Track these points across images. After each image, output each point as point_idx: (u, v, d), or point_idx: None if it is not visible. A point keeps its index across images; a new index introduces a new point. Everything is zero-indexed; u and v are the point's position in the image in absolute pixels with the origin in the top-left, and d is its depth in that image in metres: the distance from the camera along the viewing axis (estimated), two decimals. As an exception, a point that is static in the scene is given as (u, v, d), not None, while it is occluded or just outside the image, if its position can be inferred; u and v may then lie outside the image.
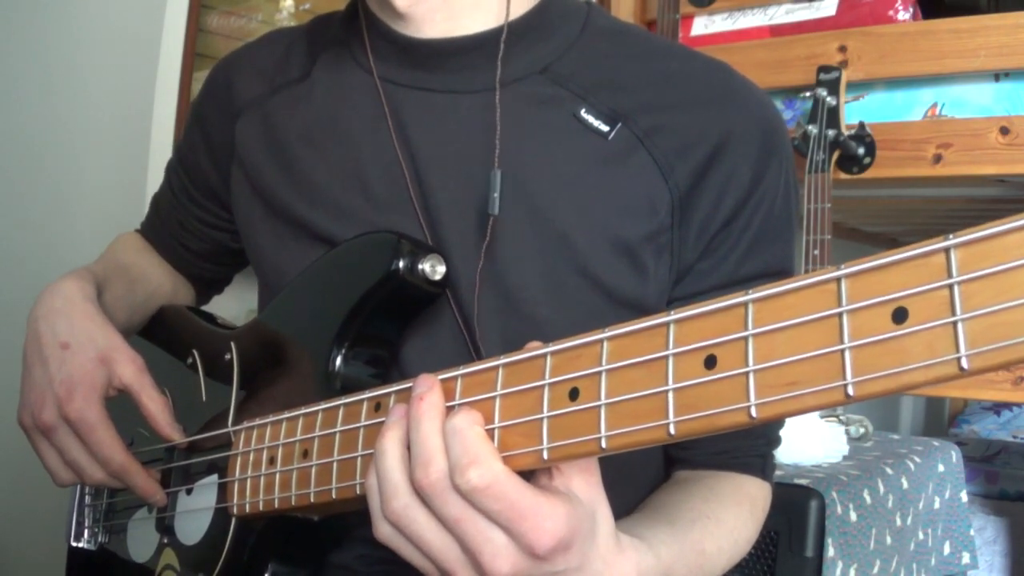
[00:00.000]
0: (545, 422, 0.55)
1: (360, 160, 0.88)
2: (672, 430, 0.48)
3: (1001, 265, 0.37)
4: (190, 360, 0.96)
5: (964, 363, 0.37)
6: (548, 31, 0.87)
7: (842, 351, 0.42)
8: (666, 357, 0.49)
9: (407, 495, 0.59)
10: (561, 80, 0.85)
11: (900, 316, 0.40)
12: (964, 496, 2.16)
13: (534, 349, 0.57)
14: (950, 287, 0.39)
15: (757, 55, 2.33)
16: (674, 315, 0.50)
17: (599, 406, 0.52)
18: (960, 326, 0.38)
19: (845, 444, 1.86)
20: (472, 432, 0.57)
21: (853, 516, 1.57)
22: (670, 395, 0.48)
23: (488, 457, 0.56)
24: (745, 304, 0.46)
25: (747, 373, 0.45)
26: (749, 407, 0.45)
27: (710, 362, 0.47)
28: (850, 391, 0.41)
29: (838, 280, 0.43)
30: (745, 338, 0.46)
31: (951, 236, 0.38)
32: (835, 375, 0.42)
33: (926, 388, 0.37)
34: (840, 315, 0.42)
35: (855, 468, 1.74)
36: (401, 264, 0.76)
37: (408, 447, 0.60)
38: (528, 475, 0.59)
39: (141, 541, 0.95)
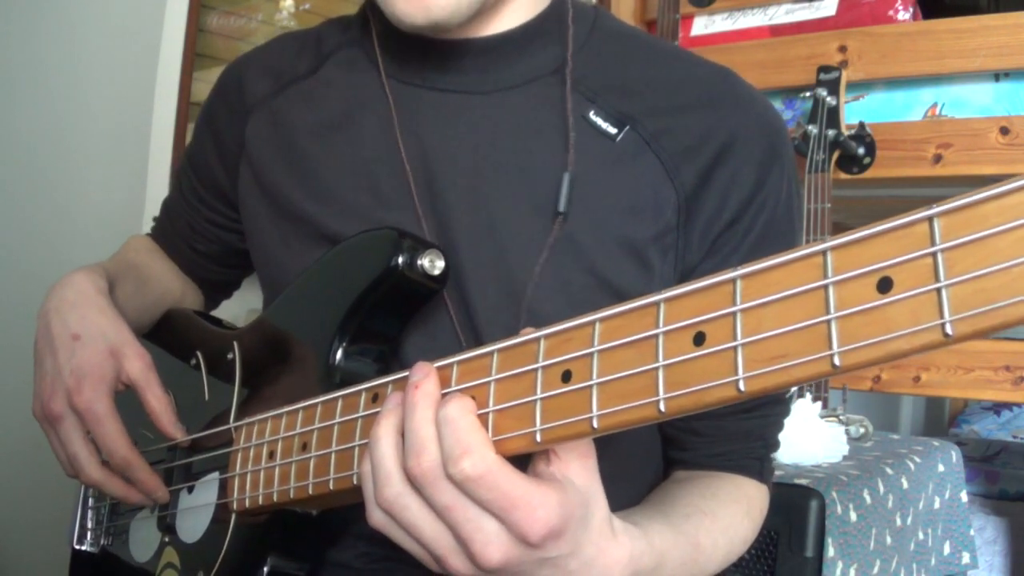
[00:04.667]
0: (538, 404, 0.55)
1: (369, 159, 0.88)
2: (662, 407, 0.48)
3: (983, 231, 0.37)
4: (194, 361, 0.97)
5: (948, 329, 0.38)
6: (558, 34, 0.88)
7: (828, 322, 0.42)
8: (656, 336, 0.49)
9: (400, 483, 0.59)
10: (571, 82, 0.86)
11: (885, 285, 0.40)
12: (964, 496, 2.15)
13: (528, 334, 0.58)
14: (933, 255, 0.39)
15: (757, 55, 2.33)
16: (664, 294, 0.50)
17: (590, 386, 0.52)
18: (944, 292, 0.38)
19: (845, 444, 1.86)
20: (465, 421, 0.57)
21: (853, 516, 1.57)
22: (660, 372, 0.49)
23: (481, 446, 0.56)
24: (733, 280, 0.47)
25: (735, 348, 0.45)
26: (737, 381, 0.45)
27: (699, 339, 0.47)
28: (836, 361, 0.41)
29: (824, 253, 0.43)
30: (733, 314, 0.46)
31: (935, 205, 0.39)
32: (821, 346, 0.42)
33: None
34: (826, 287, 0.42)
35: (855, 468, 1.74)
36: (400, 259, 0.76)
37: (403, 435, 0.60)
38: (524, 461, 0.59)
39: (143, 541, 0.95)
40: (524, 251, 0.82)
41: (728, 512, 0.82)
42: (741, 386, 0.45)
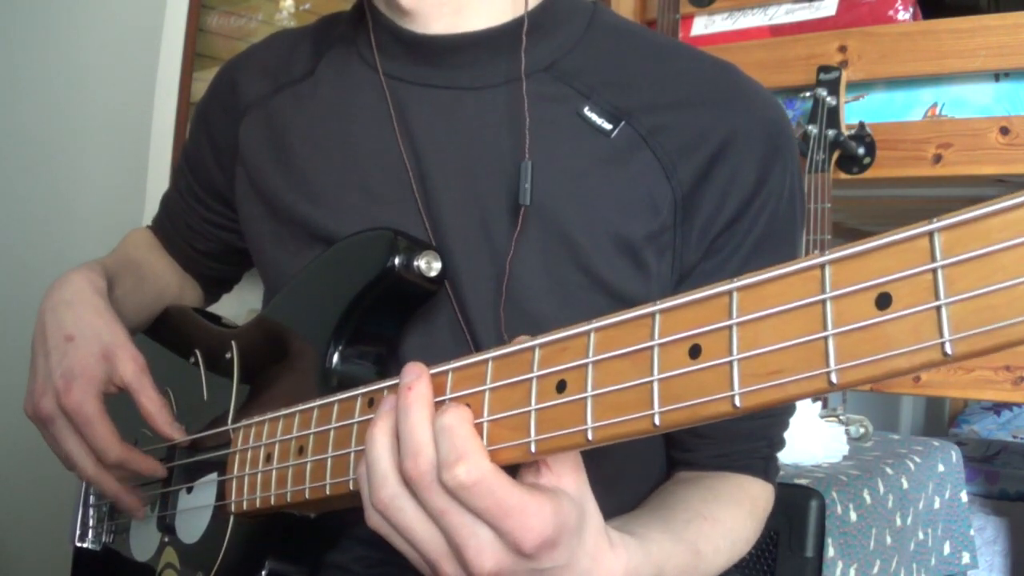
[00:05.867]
0: (533, 415, 0.55)
1: (363, 158, 0.88)
2: (657, 421, 0.48)
3: (985, 248, 0.37)
4: (193, 359, 0.97)
5: (948, 348, 0.37)
6: (554, 28, 0.87)
7: (825, 338, 0.41)
8: (651, 348, 0.49)
9: (395, 485, 0.59)
10: (566, 78, 0.85)
11: (884, 301, 0.39)
12: (964, 496, 2.15)
13: (523, 342, 0.57)
14: (934, 271, 0.38)
15: (757, 55, 2.33)
16: (660, 304, 0.49)
17: (585, 398, 0.52)
18: (944, 311, 0.37)
19: (845, 444, 1.86)
20: (462, 429, 0.56)
21: (853, 516, 1.57)
22: (655, 386, 0.48)
23: (476, 454, 0.56)
24: (730, 292, 0.46)
25: (731, 362, 0.45)
26: (733, 396, 0.44)
27: (694, 352, 0.47)
28: (833, 379, 0.41)
29: (822, 267, 0.42)
30: (729, 327, 0.45)
31: (935, 220, 0.38)
32: (818, 363, 0.41)
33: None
34: (824, 302, 0.42)
35: (855, 468, 1.74)
36: (397, 261, 0.76)
37: (398, 437, 0.60)
38: (513, 473, 0.59)
39: (143, 540, 0.95)
40: (516, 249, 0.81)
41: (730, 515, 0.81)
42: (737, 402, 0.44)
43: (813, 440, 1.76)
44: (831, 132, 2.11)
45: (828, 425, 1.87)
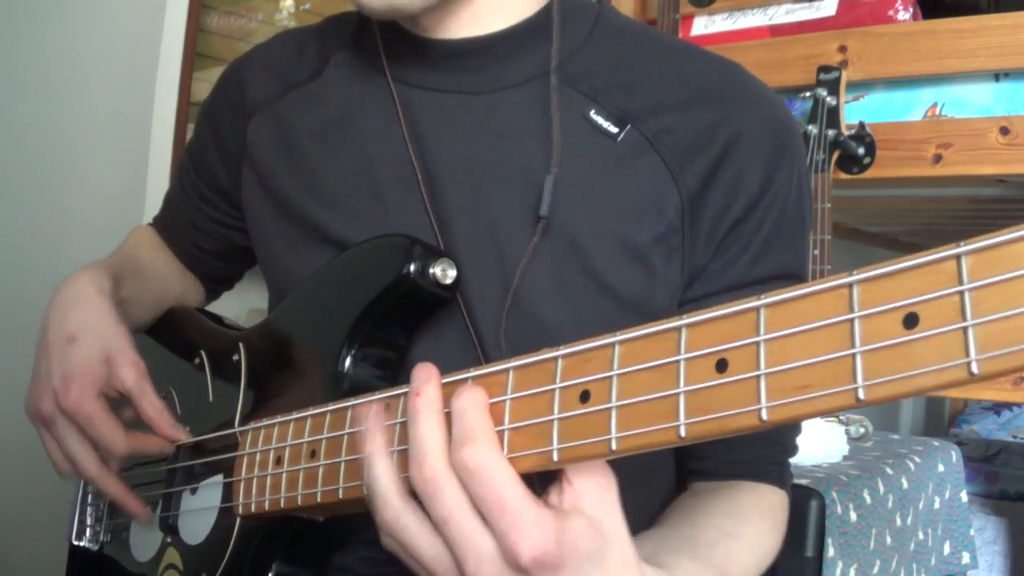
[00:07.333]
0: (556, 424, 0.55)
1: (372, 162, 0.88)
2: (682, 432, 0.48)
3: (1011, 272, 0.38)
4: (197, 360, 0.97)
5: (974, 368, 0.38)
6: (559, 30, 0.86)
7: (853, 355, 0.42)
8: (678, 361, 0.49)
9: (397, 503, 0.59)
10: (572, 80, 0.85)
11: (911, 321, 0.40)
12: (964, 496, 2.16)
13: (544, 353, 0.57)
14: (961, 293, 0.39)
15: (757, 55, 2.33)
16: (686, 319, 0.50)
17: (610, 408, 0.52)
18: (970, 331, 0.38)
19: (845, 444, 1.87)
20: (473, 412, 0.56)
21: (853, 516, 1.57)
22: (681, 398, 0.49)
23: (484, 438, 0.55)
24: (757, 309, 0.47)
25: (758, 377, 0.45)
26: (759, 410, 0.45)
27: (721, 366, 0.47)
28: (861, 395, 0.41)
29: (850, 286, 0.43)
30: (757, 343, 0.46)
31: (962, 243, 0.39)
32: (846, 379, 0.42)
33: (936, 392, 0.38)
34: (852, 320, 0.42)
35: (855, 468, 1.74)
36: (412, 268, 0.76)
37: (395, 450, 0.60)
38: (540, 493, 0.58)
39: (144, 540, 0.95)
40: (519, 254, 0.81)
41: (755, 530, 0.80)
42: (764, 415, 0.45)
43: (813, 440, 1.77)
44: (831, 132, 2.11)
45: (828, 425, 1.88)
